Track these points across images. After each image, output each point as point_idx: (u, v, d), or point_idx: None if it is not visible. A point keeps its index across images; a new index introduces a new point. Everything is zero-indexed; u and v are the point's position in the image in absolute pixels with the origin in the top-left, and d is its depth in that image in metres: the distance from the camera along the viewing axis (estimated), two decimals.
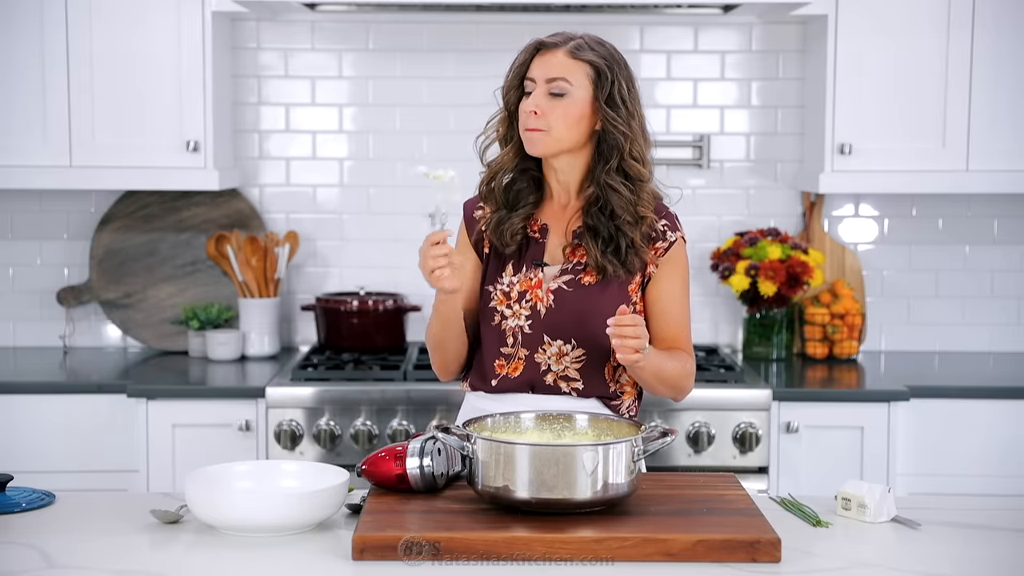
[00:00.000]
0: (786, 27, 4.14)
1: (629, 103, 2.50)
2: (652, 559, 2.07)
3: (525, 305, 2.54)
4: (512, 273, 2.56)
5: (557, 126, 2.48)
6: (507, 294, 2.55)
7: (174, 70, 3.81)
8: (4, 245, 4.20)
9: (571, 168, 2.56)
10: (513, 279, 2.56)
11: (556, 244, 2.58)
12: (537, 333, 2.53)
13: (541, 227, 2.58)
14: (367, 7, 4.01)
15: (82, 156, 3.82)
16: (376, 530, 2.11)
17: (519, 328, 2.54)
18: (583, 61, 2.49)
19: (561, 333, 2.53)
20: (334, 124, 4.18)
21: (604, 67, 2.49)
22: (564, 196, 2.59)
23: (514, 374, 2.55)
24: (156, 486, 3.57)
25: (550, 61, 2.50)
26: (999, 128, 3.82)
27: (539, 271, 2.55)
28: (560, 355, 2.53)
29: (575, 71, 2.49)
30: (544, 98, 2.49)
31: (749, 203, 4.21)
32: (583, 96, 2.49)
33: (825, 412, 3.62)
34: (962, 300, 4.23)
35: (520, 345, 2.54)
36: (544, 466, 2.14)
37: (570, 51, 2.49)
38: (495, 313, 2.56)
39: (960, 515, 2.37)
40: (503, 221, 2.57)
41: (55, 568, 2.07)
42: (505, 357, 2.56)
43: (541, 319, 2.53)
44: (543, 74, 2.49)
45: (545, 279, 2.55)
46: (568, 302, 2.52)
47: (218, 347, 3.97)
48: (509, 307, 2.55)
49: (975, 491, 3.58)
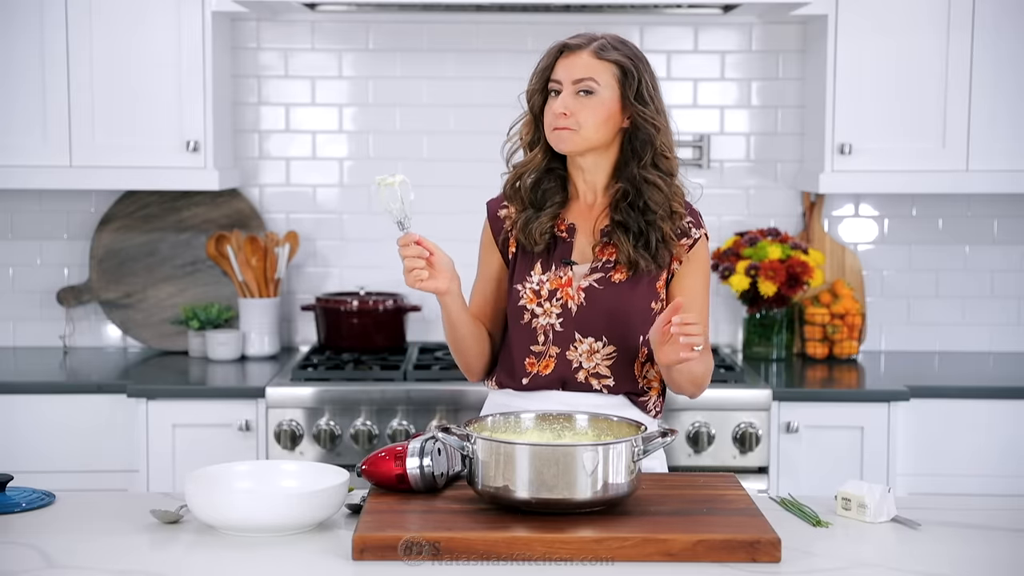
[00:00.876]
0: (786, 27, 4.14)
1: (656, 99, 2.54)
2: (652, 559, 2.07)
3: (556, 303, 2.55)
4: (541, 272, 2.57)
5: (586, 124, 2.50)
6: (537, 292, 2.56)
7: (174, 70, 3.81)
8: (4, 245, 4.20)
9: (597, 167, 2.58)
10: (543, 277, 2.57)
11: (584, 243, 2.59)
12: (568, 331, 2.55)
13: (568, 226, 2.60)
14: (367, 7, 4.01)
15: (82, 156, 3.82)
16: (376, 530, 2.11)
17: (550, 326, 2.55)
18: (609, 61, 2.51)
19: (592, 330, 2.54)
20: (334, 124, 4.18)
21: (630, 65, 2.51)
22: (591, 195, 2.60)
23: (545, 372, 2.57)
24: (156, 486, 3.57)
25: (575, 63, 2.51)
26: (999, 128, 3.82)
27: (568, 269, 2.57)
28: (591, 352, 2.55)
29: (601, 71, 2.51)
30: (572, 98, 2.50)
31: (749, 203, 4.21)
32: (611, 95, 2.51)
33: (825, 412, 3.62)
34: (962, 300, 4.23)
35: (551, 343, 2.56)
36: (544, 466, 2.14)
37: (595, 51, 2.51)
38: (524, 311, 2.57)
39: (960, 515, 2.37)
40: (531, 220, 2.58)
41: (55, 568, 2.07)
42: (536, 355, 2.57)
43: (572, 317, 2.55)
44: (569, 76, 2.51)
45: (575, 277, 2.56)
46: (599, 300, 2.54)
47: (218, 347, 3.97)
48: (540, 305, 2.56)
49: (975, 491, 3.58)
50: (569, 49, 2.53)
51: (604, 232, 2.57)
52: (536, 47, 4.12)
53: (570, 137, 2.51)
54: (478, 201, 4.17)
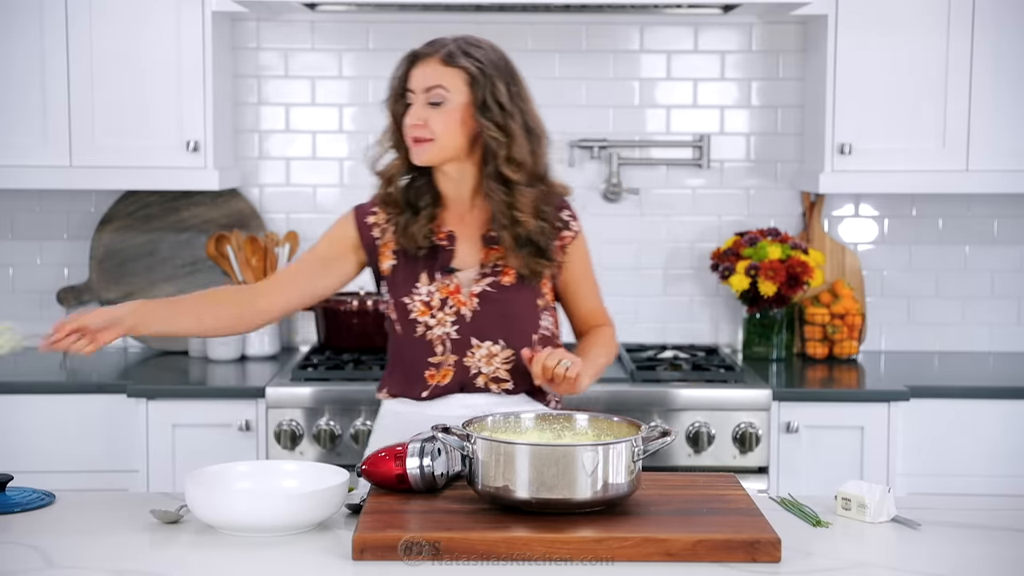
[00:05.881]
0: (786, 27, 4.14)
1: (508, 104, 2.51)
2: (652, 559, 2.07)
3: (449, 311, 2.55)
4: (428, 282, 2.57)
5: (440, 133, 2.50)
6: (428, 303, 2.56)
7: (174, 70, 3.81)
8: (4, 245, 4.20)
9: (462, 175, 2.59)
10: (430, 288, 2.57)
11: (465, 250, 2.59)
12: (465, 337, 2.55)
13: (448, 234, 2.59)
14: (367, 7, 4.01)
15: (82, 156, 3.82)
16: (376, 530, 2.11)
17: (446, 335, 2.55)
18: (457, 67, 2.49)
19: (489, 334, 2.56)
20: (334, 124, 4.18)
21: (477, 73, 2.50)
22: (461, 204, 2.60)
23: (444, 381, 2.57)
24: (156, 486, 3.57)
25: (425, 71, 2.51)
26: (999, 128, 3.82)
27: (452, 277, 2.56)
28: (490, 356, 2.56)
29: (451, 78, 2.50)
30: (424, 108, 2.50)
31: (749, 203, 4.21)
32: (461, 101, 2.51)
33: (825, 412, 3.62)
34: (962, 300, 4.23)
35: (449, 351, 2.55)
36: (544, 466, 2.14)
37: (443, 59, 2.50)
38: (418, 325, 2.56)
39: (960, 515, 2.37)
40: (410, 223, 2.57)
41: (55, 568, 2.07)
42: (435, 366, 2.57)
43: (468, 323, 2.55)
44: (421, 84, 2.51)
45: (463, 284, 2.56)
46: (493, 303, 2.55)
47: (218, 347, 3.97)
48: (432, 316, 2.55)
49: (975, 491, 3.58)
50: (420, 57, 2.52)
51: (488, 239, 2.57)
52: (536, 47, 4.14)
53: (427, 149, 2.51)
54: None
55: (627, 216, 4.19)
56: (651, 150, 4.19)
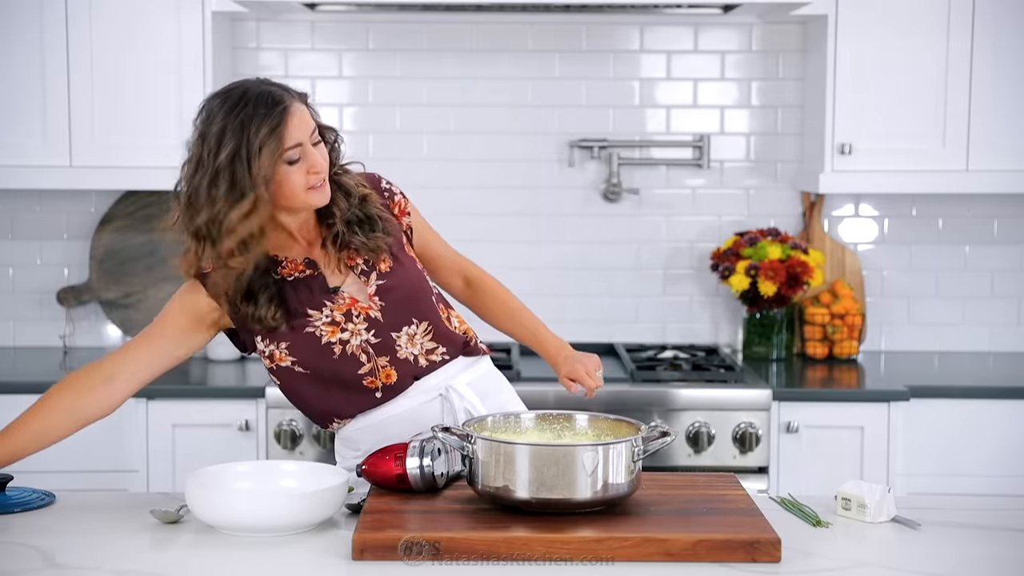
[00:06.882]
0: (786, 27, 4.14)
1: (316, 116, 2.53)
2: (652, 559, 2.07)
3: (359, 320, 2.49)
4: (318, 310, 2.48)
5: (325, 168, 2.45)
6: (333, 322, 2.48)
7: (174, 70, 3.81)
8: (4, 245, 4.20)
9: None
10: (326, 313, 2.48)
11: (331, 270, 2.51)
12: (384, 336, 2.50)
13: (307, 262, 2.51)
14: (367, 7, 4.01)
15: (82, 156, 3.82)
16: (376, 530, 2.11)
17: (365, 342, 2.49)
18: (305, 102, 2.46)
19: (402, 321, 2.52)
20: (334, 124, 4.17)
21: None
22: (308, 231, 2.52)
23: (390, 380, 2.51)
24: (156, 486, 3.57)
25: (301, 117, 2.42)
26: (999, 128, 3.82)
27: (340, 296, 2.50)
28: (411, 337, 2.52)
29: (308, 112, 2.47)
30: (316, 150, 2.44)
31: (749, 203, 4.21)
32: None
33: (825, 412, 3.62)
34: (962, 300, 4.23)
35: (375, 356, 2.50)
36: (544, 466, 2.14)
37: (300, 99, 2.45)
38: (333, 345, 2.48)
39: (960, 515, 2.37)
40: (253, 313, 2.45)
41: (55, 568, 2.07)
42: (370, 374, 2.50)
43: (381, 322, 2.50)
44: (304, 131, 2.42)
45: (354, 294, 2.51)
46: (392, 292, 2.51)
47: (218, 347, 3.97)
48: (344, 330, 2.48)
49: (975, 491, 3.58)
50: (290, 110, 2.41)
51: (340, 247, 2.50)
52: (536, 47, 4.14)
53: (326, 188, 2.45)
54: (478, 201, 4.19)
55: (627, 216, 4.19)
56: (651, 150, 4.19)
